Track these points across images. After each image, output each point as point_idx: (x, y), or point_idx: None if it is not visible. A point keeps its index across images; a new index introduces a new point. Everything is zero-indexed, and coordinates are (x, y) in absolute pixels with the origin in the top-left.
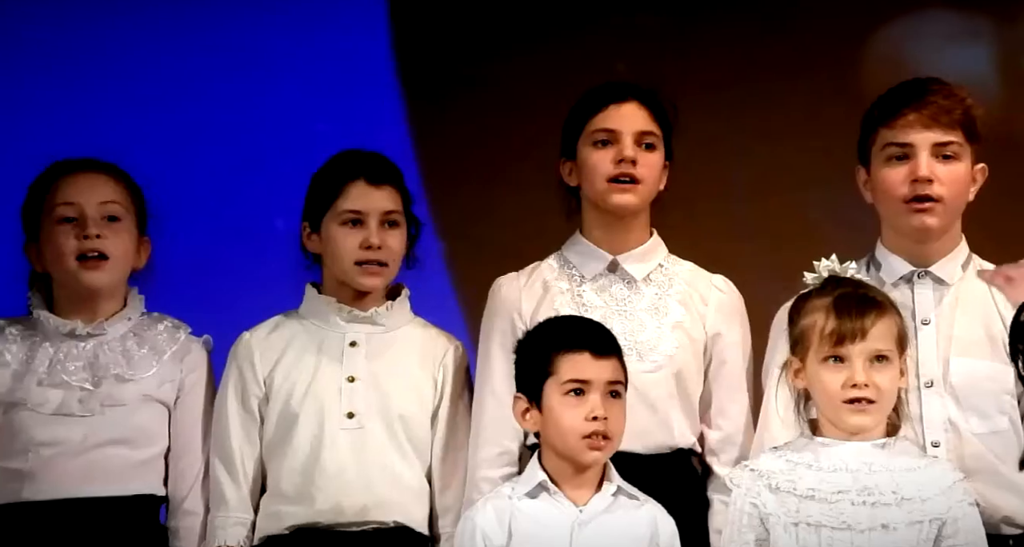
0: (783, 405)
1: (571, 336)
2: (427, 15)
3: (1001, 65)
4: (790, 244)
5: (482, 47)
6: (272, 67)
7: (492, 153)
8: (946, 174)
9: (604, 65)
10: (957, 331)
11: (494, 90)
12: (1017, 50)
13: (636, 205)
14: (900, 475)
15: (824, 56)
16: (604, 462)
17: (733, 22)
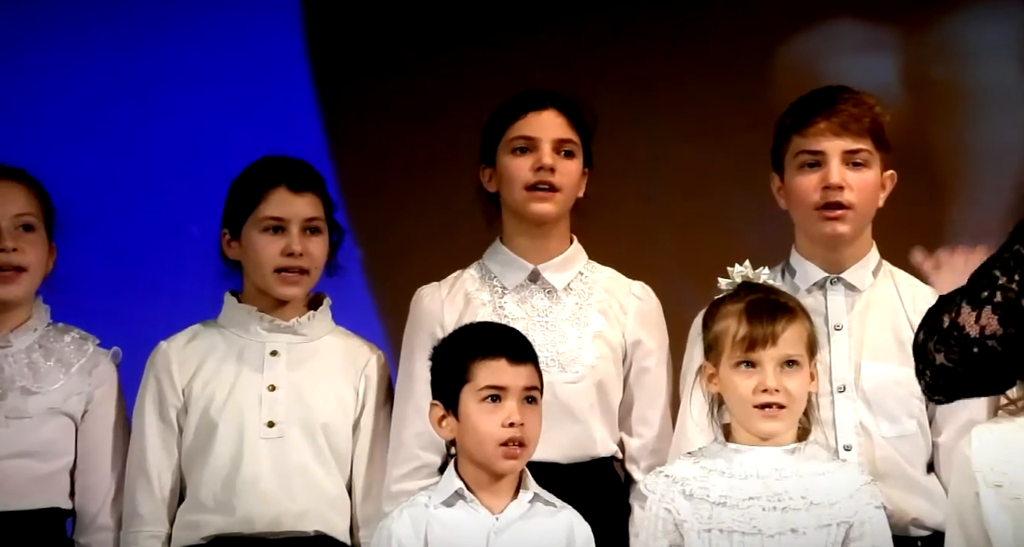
0: (698, 410)
1: (487, 343)
2: (343, 20)
3: (907, 74)
4: (709, 249)
5: (399, 52)
6: (186, 73)
7: (410, 159)
8: (857, 181)
9: (523, 72)
10: (868, 337)
11: (411, 96)
12: (922, 60)
13: (555, 213)
14: (809, 480)
15: (739, 63)
16: (520, 469)
17: (648, 30)
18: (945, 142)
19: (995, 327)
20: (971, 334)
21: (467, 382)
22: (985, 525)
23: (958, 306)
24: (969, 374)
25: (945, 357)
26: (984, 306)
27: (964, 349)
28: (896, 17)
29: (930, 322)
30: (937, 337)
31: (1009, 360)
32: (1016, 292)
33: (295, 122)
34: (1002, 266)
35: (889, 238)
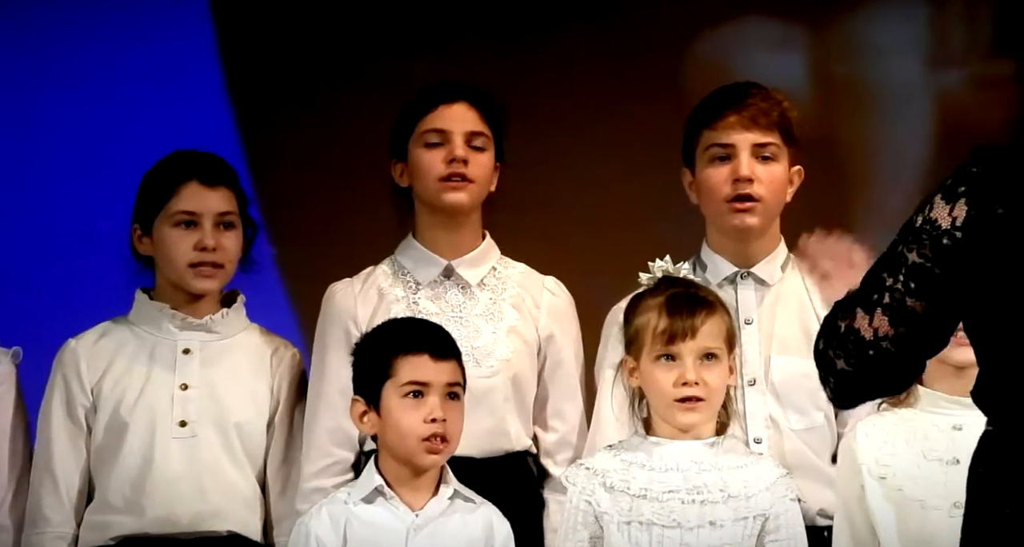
0: (617, 404)
1: (411, 338)
2: (254, 15)
3: (814, 71)
4: (620, 245)
5: (313, 47)
6: (96, 69)
7: (324, 156)
8: (766, 174)
9: (434, 67)
10: (777, 330)
11: (325, 91)
12: (828, 57)
13: (468, 203)
14: (727, 473)
15: (650, 58)
16: (441, 465)
17: (560, 25)
18: (850, 138)
19: (887, 329)
20: (866, 337)
21: (389, 378)
22: (870, 517)
23: (852, 311)
24: (868, 377)
25: (845, 362)
26: (875, 309)
27: (861, 353)
28: (803, 15)
29: (828, 329)
30: (835, 343)
31: (904, 360)
32: (902, 292)
33: (207, 118)
34: (888, 268)
35: (796, 233)
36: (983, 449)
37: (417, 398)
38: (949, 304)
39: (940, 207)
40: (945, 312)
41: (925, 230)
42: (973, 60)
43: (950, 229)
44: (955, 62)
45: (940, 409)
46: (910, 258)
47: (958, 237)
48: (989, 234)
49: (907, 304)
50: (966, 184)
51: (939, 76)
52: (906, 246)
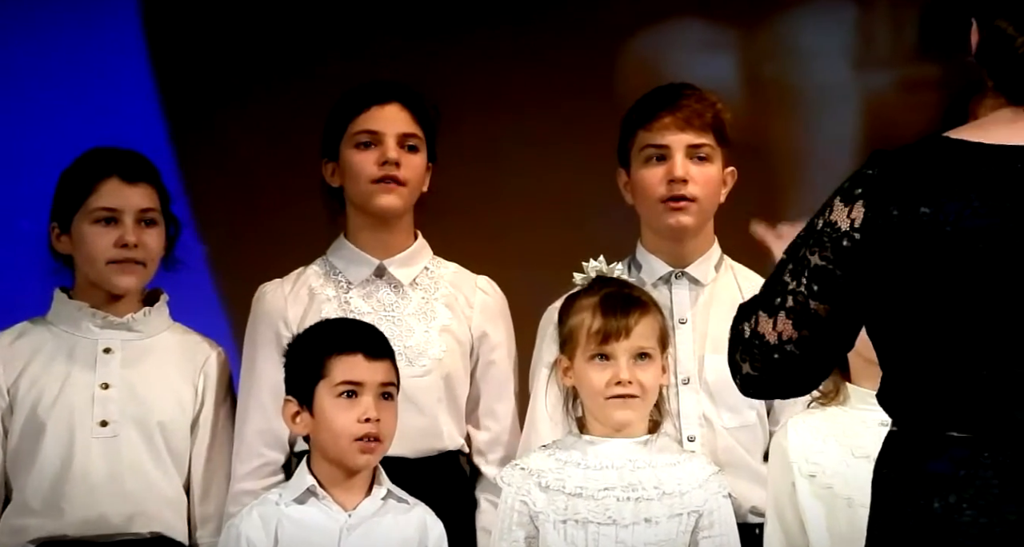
0: (552, 404)
1: (344, 338)
2: (183, 12)
3: (744, 73)
4: (554, 245)
5: (243, 46)
6: (17, 64)
7: (254, 154)
8: (700, 175)
9: (365, 64)
10: (711, 330)
11: (255, 89)
12: (758, 59)
13: (400, 207)
14: (661, 470)
15: (584, 59)
16: (375, 465)
17: (493, 25)
18: (780, 139)
19: (791, 332)
20: (771, 341)
21: (323, 378)
22: (800, 514)
23: (756, 315)
24: (775, 380)
25: (751, 366)
26: (778, 313)
27: (766, 357)
28: (733, 17)
29: (734, 333)
30: (742, 347)
31: (809, 363)
32: (805, 295)
33: (135, 115)
34: (790, 272)
35: (728, 233)
36: (887, 450)
37: (351, 398)
38: (851, 306)
39: (839, 209)
40: (848, 314)
41: (826, 232)
42: (899, 63)
43: (849, 231)
44: (881, 65)
45: (868, 406)
46: (812, 261)
47: (857, 239)
48: (885, 236)
49: (810, 307)
50: (863, 186)
51: (866, 78)
52: (808, 249)
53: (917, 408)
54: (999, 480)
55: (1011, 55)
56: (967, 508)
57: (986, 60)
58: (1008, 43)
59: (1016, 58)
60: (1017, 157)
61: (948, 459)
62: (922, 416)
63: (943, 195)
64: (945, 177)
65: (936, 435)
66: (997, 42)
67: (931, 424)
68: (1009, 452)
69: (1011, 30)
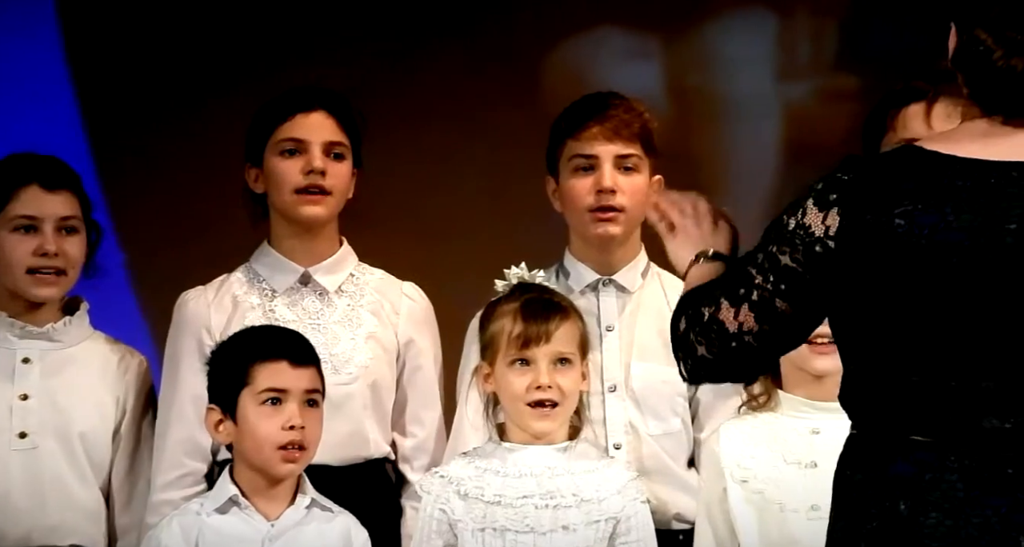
0: (473, 410)
1: (268, 345)
2: (103, 17)
3: (668, 82)
4: (482, 251)
5: (162, 49)
6: None
7: (175, 160)
8: (628, 185)
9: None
10: (637, 337)
11: (176, 94)
12: (682, 68)
13: (325, 216)
14: (580, 477)
15: (511, 66)
16: (299, 474)
17: (422, 31)
18: (704, 147)
19: (752, 325)
20: (730, 330)
21: (246, 385)
22: (731, 519)
23: (717, 301)
24: (726, 366)
25: (706, 350)
26: (742, 304)
27: (723, 343)
28: (657, 26)
29: (690, 313)
30: (699, 330)
31: (763, 354)
32: (771, 292)
33: (54, 120)
34: (758, 266)
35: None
36: (849, 452)
37: (275, 405)
38: (816, 307)
39: (813, 213)
40: (811, 314)
41: (799, 235)
42: (819, 73)
43: (823, 238)
44: (802, 75)
45: (799, 413)
46: (782, 260)
47: (831, 246)
48: (860, 244)
49: (775, 304)
50: (837, 192)
51: (787, 88)
52: (778, 248)
53: (881, 412)
54: (964, 484)
55: (989, 67)
56: (932, 511)
57: (963, 68)
58: (987, 55)
59: (994, 70)
60: (990, 171)
61: (913, 462)
62: (886, 420)
63: (918, 207)
64: (920, 189)
65: (900, 438)
66: (976, 52)
67: (895, 428)
68: (974, 457)
69: (990, 42)
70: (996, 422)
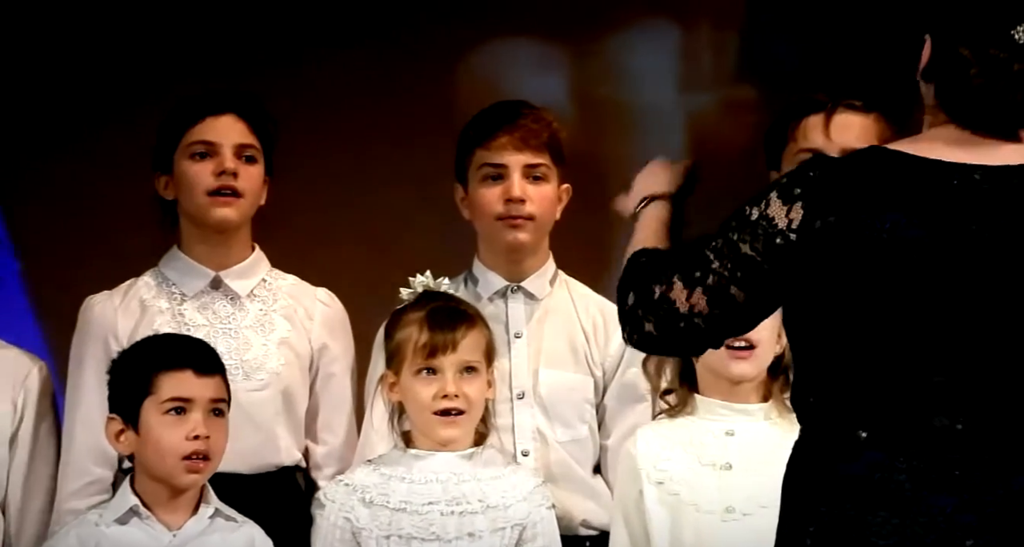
0: (379, 419)
1: (172, 354)
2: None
3: (576, 92)
4: (394, 259)
5: (63, 52)
6: None
7: (71, 170)
8: (536, 194)
9: (196, 76)
10: (545, 344)
11: (75, 100)
12: (588, 78)
13: (238, 219)
14: (486, 483)
15: (420, 75)
16: (202, 484)
17: (331, 38)
18: (611, 157)
19: (703, 307)
20: (680, 310)
21: (150, 395)
22: (646, 520)
23: (670, 281)
24: (671, 343)
25: (653, 327)
26: (696, 287)
27: (672, 322)
28: (565, 36)
29: (639, 288)
30: (648, 306)
31: (709, 336)
32: (727, 278)
33: None
34: (716, 251)
35: (563, 249)
36: (799, 453)
37: (179, 415)
38: (769, 298)
39: (777, 205)
40: (763, 304)
41: (761, 225)
42: (721, 85)
43: (785, 230)
44: (705, 86)
45: (715, 415)
46: (742, 248)
47: (792, 239)
48: (821, 239)
49: (729, 290)
50: (803, 187)
51: (690, 99)
52: (739, 235)
53: (832, 412)
54: (911, 484)
55: (966, 82)
56: (879, 510)
57: (936, 80)
58: (964, 70)
59: (970, 86)
60: (953, 173)
61: (863, 462)
62: (837, 420)
63: (882, 205)
64: (884, 187)
65: (851, 439)
66: (953, 67)
67: (846, 428)
68: (923, 458)
69: (970, 56)
70: (947, 421)
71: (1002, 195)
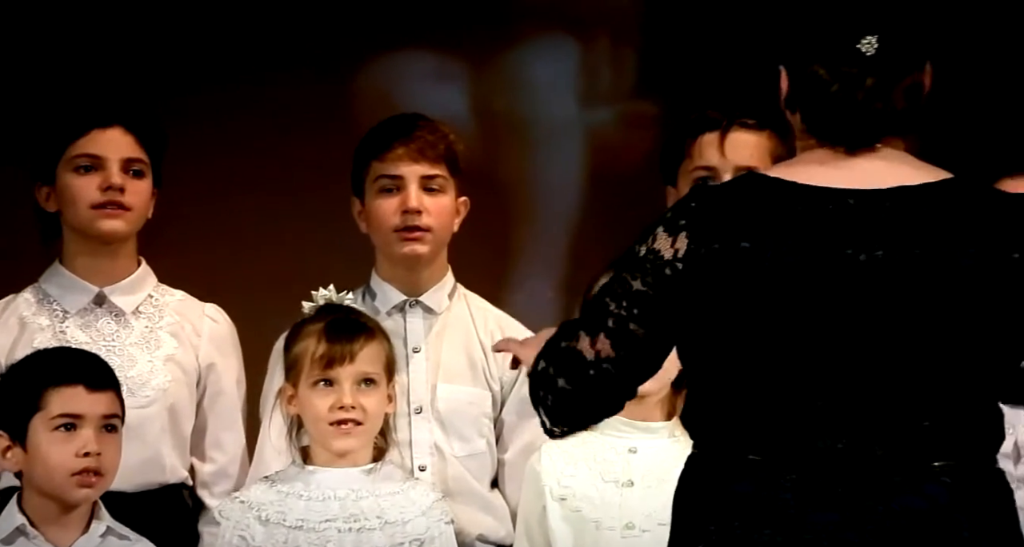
0: (276, 433)
1: (63, 369)
2: None
3: (475, 105)
4: (289, 272)
5: None
6: None
7: None
8: (434, 205)
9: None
10: (444, 358)
11: None
12: (488, 91)
13: (124, 233)
14: (384, 499)
15: (315, 87)
16: (94, 501)
17: (220, 49)
18: (510, 170)
19: (609, 351)
20: (588, 357)
21: (39, 410)
22: (549, 537)
23: (575, 334)
24: (587, 396)
25: (566, 381)
26: (599, 333)
27: (582, 372)
28: (463, 49)
29: (548, 351)
30: (557, 362)
31: (621, 382)
32: (625, 318)
33: None
34: (612, 293)
35: (462, 262)
36: (690, 471)
37: (69, 431)
38: (667, 331)
39: (663, 238)
40: (663, 338)
41: (649, 259)
42: (620, 100)
43: (672, 260)
44: (604, 101)
45: (618, 433)
46: (634, 285)
47: (679, 269)
48: (706, 267)
49: (629, 329)
50: (686, 218)
51: (589, 113)
52: (630, 274)
53: (722, 431)
54: (796, 501)
55: (826, 99)
56: (765, 527)
57: (800, 104)
58: (824, 88)
59: (832, 102)
60: (828, 198)
61: (751, 481)
62: (727, 439)
63: (762, 232)
64: (764, 214)
65: (740, 458)
66: (812, 88)
67: (736, 447)
68: (808, 475)
69: (826, 75)
70: (829, 442)
71: (875, 220)
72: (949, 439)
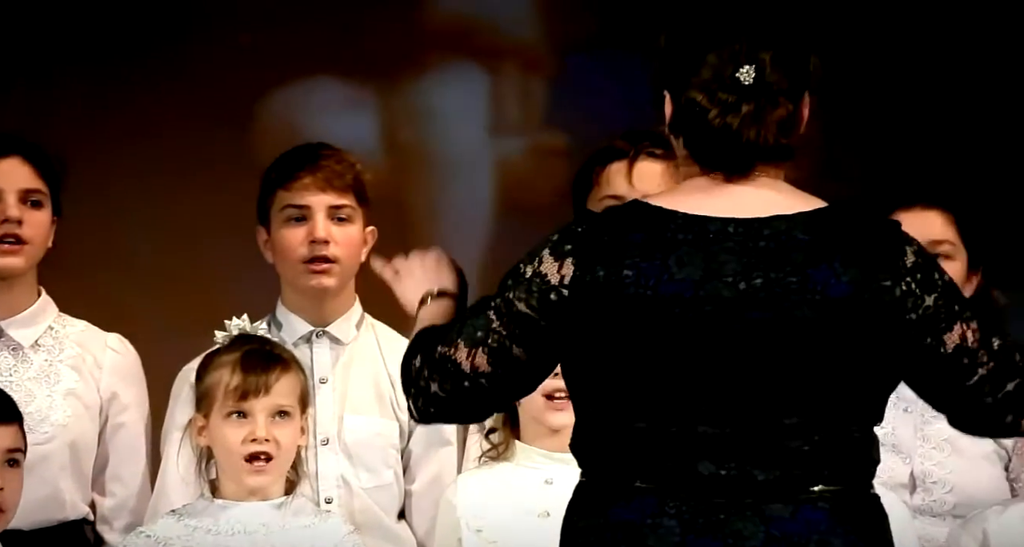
0: (184, 465)
1: None
2: None
3: (382, 134)
4: (191, 303)
5: None
6: None
7: None
8: (341, 235)
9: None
10: (351, 389)
11: None
12: (395, 121)
13: (23, 267)
14: (295, 533)
15: (220, 117)
16: None
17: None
18: (419, 200)
19: (486, 368)
20: (464, 370)
21: None
22: None
23: (454, 342)
24: (459, 404)
25: (439, 387)
26: (478, 347)
27: (457, 382)
28: (370, 77)
29: (425, 351)
30: (433, 367)
31: (495, 396)
32: (506, 337)
33: None
34: (495, 310)
35: (369, 292)
36: (578, 499)
37: None
38: (548, 354)
39: (549, 262)
40: (544, 361)
41: (535, 282)
42: (529, 130)
43: (558, 286)
44: (513, 131)
45: (534, 464)
46: (518, 307)
47: (564, 295)
48: (591, 294)
49: (508, 348)
50: (572, 243)
51: (499, 143)
52: (515, 294)
53: (608, 459)
54: (680, 528)
55: (705, 126)
56: None
57: (681, 130)
58: (702, 115)
59: (710, 129)
60: (708, 226)
61: (636, 508)
62: (612, 467)
63: (644, 260)
64: (646, 242)
65: (625, 485)
66: (691, 114)
67: (620, 474)
68: (691, 502)
69: (704, 102)
70: (712, 468)
71: (753, 248)
72: (827, 464)
